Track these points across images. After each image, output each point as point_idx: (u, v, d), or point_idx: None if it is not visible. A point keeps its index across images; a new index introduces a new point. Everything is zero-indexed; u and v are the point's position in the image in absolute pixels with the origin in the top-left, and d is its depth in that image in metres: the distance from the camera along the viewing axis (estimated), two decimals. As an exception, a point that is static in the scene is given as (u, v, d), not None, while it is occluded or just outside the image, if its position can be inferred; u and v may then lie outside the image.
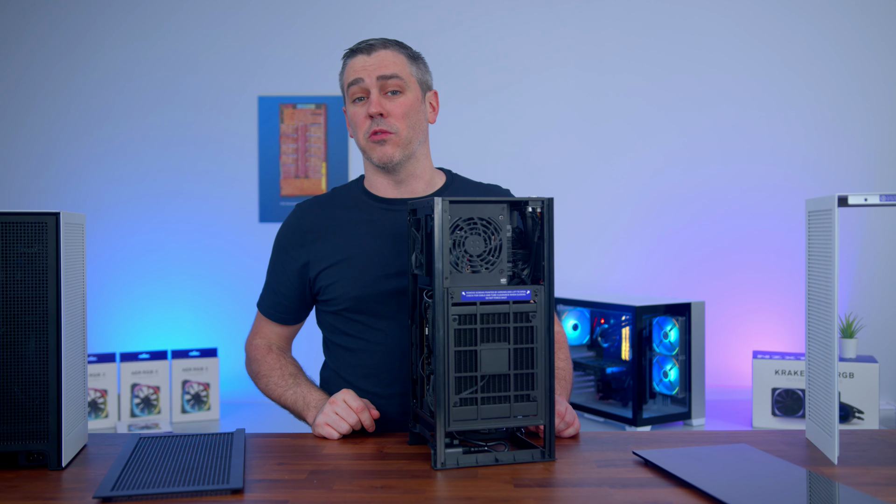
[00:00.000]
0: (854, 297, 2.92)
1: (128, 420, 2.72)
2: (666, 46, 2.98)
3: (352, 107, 1.59)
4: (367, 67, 1.55)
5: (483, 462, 1.23)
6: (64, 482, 1.18)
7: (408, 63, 1.58)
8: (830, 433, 1.28)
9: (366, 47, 1.57)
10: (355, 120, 1.58)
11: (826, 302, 1.29)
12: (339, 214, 1.64)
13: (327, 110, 3.02)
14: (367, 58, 1.56)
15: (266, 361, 1.67)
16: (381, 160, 1.57)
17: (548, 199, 1.25)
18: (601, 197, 2.99)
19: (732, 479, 1.14)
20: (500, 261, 1.25)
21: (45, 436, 1.22)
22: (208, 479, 1.15)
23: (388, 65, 1.55)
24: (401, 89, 1.56)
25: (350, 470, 1.25)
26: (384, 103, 1.54)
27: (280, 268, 1.68)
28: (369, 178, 1.67)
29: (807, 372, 1.41)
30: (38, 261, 1.21)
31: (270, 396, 1.66)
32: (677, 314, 2.56)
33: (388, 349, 1.57)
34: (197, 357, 2.80)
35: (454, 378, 1.21)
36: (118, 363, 2.73)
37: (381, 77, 1.54)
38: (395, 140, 1.55)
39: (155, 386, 2.75)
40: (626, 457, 1.29)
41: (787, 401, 2.58)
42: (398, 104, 1.55)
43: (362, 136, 1.57)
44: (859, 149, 2.95)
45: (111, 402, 2.70)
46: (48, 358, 1.21)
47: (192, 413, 2.77)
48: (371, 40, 1.59)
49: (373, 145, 1.56)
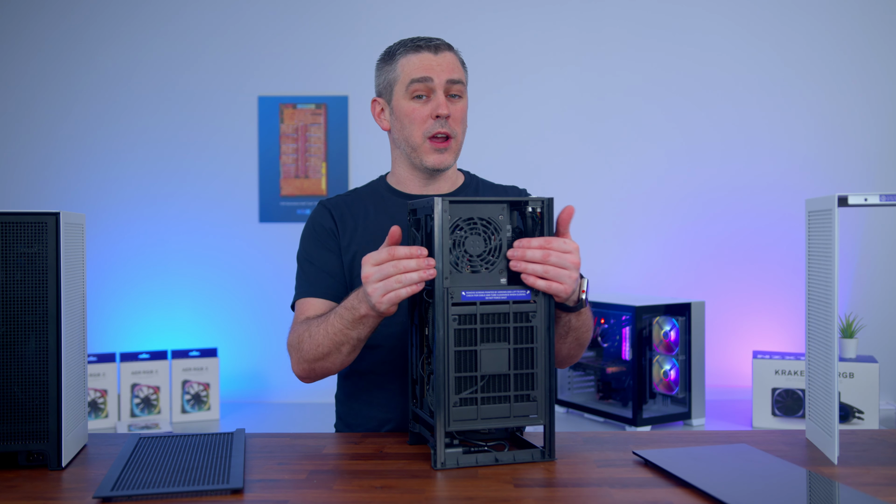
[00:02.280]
0: (854, 297, 2.92)
1: (128, 420, 2.72)
2: (666, 45, 2.99)
3: (409, 103, 1.55)
4: (437, 67, 1.53)
5: (483, 462, 1.23)
6: (64, 482, 1.18)
7: (463, 69, 1.59)
8: (830, 433, 1.28)
9: (433, 46, 1.55)
10: (413, 116, 1.54)
11: (826, 302, 1.29)
12: (364, 208, 1.62)
13: (327, 110, 3.02)
14: (435, 57, 1.54)
15: (303, 327, 1.47)
16: (438, 166, 1.56)
17: (548, 199, 1.25)
18: (601, 197, 2.99)
19: (732, 479, 1.14)
20: (500, 261, 1.25)
21: (44, 436, 1.21)
22: (208, 479, 1.15)
23: (455, 68, 1.55)
24: (461, 94, 1.56)
25: (350, 470, 1.24)
26: (449, 105, 1.54)
27: (320, 248, 1.59)
28: (397, 173, 1.64)
29: (807, 372, 1.41)
30: (38, 261, 1.21)
31: (323, 345, 1.39)
32: (677, 314, 2.56)
33: (402, 344, 1.55)
34: (197, 357, 2.80)
35: (454, 378, 1.21)
36: (118, 363, 2.73)
37: (451, 81, 1.54)
38: (453, 147, 1.56)
39: (155, 386, 2.75)
40: (626, 457, 1.29)
41: (787, 401, 2.58)
42: (459, 108, 1.56)
43: (421, 134, 1.54)
44: (859, 148, 2.95)
45: (111, 402, 2.70)
46: (48, 358, 1.21)
47: (192, 413, 2.77)
48: (435, 40, 1.57)
49: (430, 148, 1.55)
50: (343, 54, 3.04)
